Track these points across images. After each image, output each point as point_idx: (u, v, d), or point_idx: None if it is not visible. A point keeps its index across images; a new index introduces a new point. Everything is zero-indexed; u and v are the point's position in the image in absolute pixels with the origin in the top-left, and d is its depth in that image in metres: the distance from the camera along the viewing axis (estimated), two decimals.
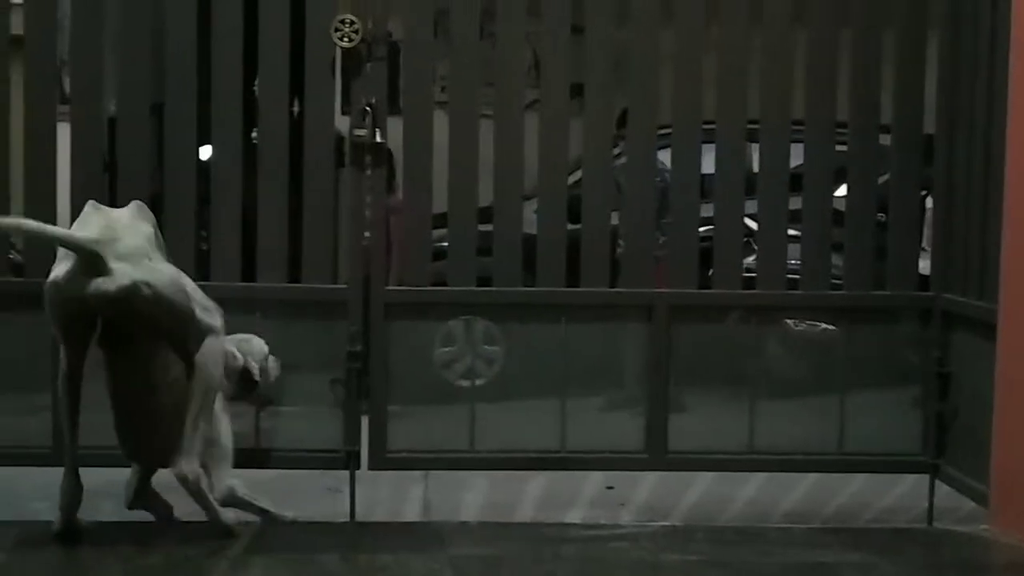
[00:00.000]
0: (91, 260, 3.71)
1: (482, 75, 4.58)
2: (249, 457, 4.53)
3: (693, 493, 4.81)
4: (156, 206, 4.49)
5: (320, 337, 4.61)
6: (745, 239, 4.68)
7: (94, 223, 3.81)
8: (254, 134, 4.62)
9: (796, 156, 4.66)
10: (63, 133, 4.48)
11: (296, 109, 4.63)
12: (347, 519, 4.40)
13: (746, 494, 4.81)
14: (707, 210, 4.67)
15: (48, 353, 4.36)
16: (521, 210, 4.59)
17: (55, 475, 4.43)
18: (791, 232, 4.65)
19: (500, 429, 4.61)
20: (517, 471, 4.71)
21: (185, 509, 4.17)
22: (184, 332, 3.88)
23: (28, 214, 4.43)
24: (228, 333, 4.29)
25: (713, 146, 4.61)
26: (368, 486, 4.53)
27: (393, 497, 4.82)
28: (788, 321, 4.92)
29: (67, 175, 4.49)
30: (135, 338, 3.89)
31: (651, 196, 4.62)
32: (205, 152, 4.67)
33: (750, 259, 4.72)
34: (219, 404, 4.14)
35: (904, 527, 4.52)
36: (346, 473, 4.50)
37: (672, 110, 4.59)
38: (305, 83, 4.51)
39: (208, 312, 4.03)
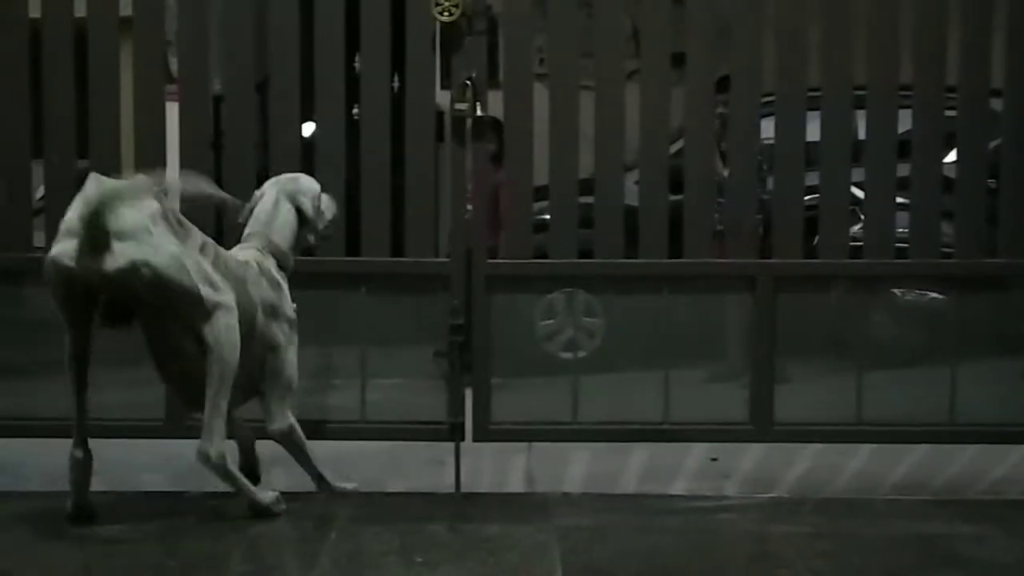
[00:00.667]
0: (95, 237, 3.57)
1: (581, 46, 4.56)
2: (354, 429, 4.62)
3: (799, 465, 4.76)
4: (261, 183, 4.60)
5: (423, 310, 4.65)
6: (851, 208, 4.60)
7: (95, 198, 3.62)
8: (355, 110, 4.66)
9: (904, 122, 4.56)
10: (171, 112, 4.58)
11: (396, 84, 4.67)
12: (452, 490, 4.43)
13: (854, 466, 4.74)
14: (812, 179, 4.60)
15: None
16: (622, 181, 4.57)
17: (168, 447, 4.58)
18: (899, 200, 4.56)
19: (603, 401, 4.62)
20: (619, 443, 4.72)
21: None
22: (188, 310, 3.72)
23: None
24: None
25: (818, 113, 4.54)
26: (471, 458, 4.57)
27: (496, 469, 4.86)
28: (895, 291, 4.84)
29: (175, 153, 4.58)
30: (140, 314, 3.77)
31: (754, 165, 4.57)
32: (307, 129, 4.74)
33: (856, 228, 4.64)
34: (284, 336, 4.08)
35: (1018, 499, 4.42)
36: (447, 445, 4.54)
37: (776, 77, 4.52)
38: (406, 58, 4.54)
39: (216, 289, 3.78)
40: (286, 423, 4.12)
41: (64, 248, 3.60)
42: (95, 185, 3.66)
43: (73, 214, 3.63)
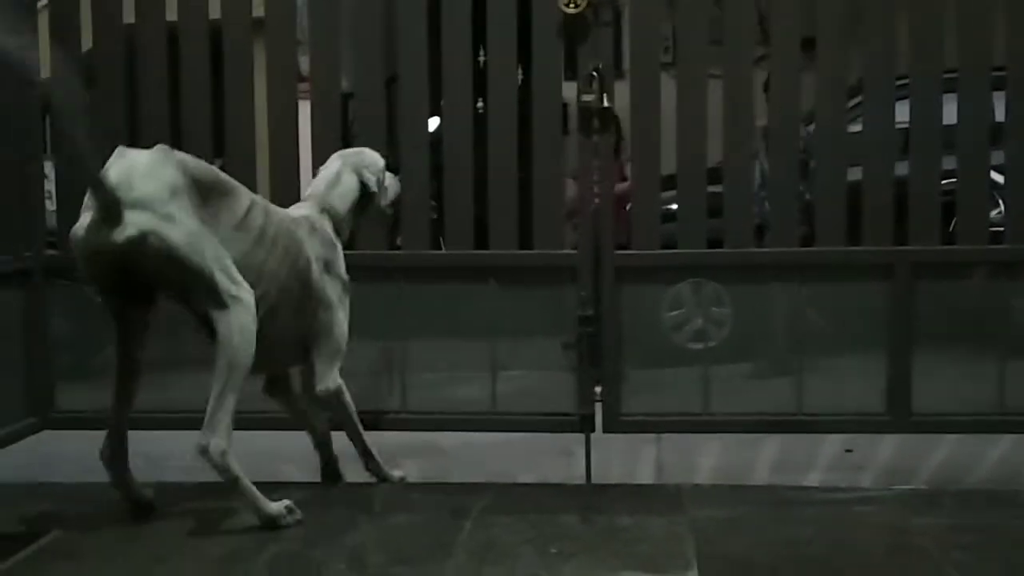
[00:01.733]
0: (108, 207, 3.42)
1: (709, 34, 4.52)
2: (485, 421, 4.65)
3: (937, 455, 4.65)
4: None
5: (552, 302, 4.66)
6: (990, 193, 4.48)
7: (113, 169, 3.47)
8: (479, 104, 4.69)
9: None
10: (303, 110, 4.66)
11: (521, 77, 4.68)
12: (582, 481, 4.43)
13: (995, 456, 4.62)
14: (949, 163, 4.49)
15: None
16: (751, 170, 4.52)
17: (304, 438, 4.67)
18: None
19: (735, 392, 4.57)
20: (750, 434, 4.67)
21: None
22: (200, 294, 3.53)
23: (273, 190, 4.66)
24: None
25: (954, 96, 4.42)
26: (600, 449, 4.56)
27: (626, 460, 4.85)
28: None
29: (308, 150, 4.67)
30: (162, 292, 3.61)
31: (892, 150, 4.47)
32: (432, 123, 4.78)
33: (994, 213, 4.51)
34: (337, 296, 4.02)
35: None
36: (575, 436, 4.54)
37: (911, 59, 4.42)
38: (532, 50, 4.55)
39: (235, 282, 3.58)
40: (335, 384, 4.06)
41: (81, 222, 3.50)
42: (117, 157, 3.53)
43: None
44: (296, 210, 4.14)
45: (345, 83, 4.74)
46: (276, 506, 3.75)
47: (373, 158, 4.31)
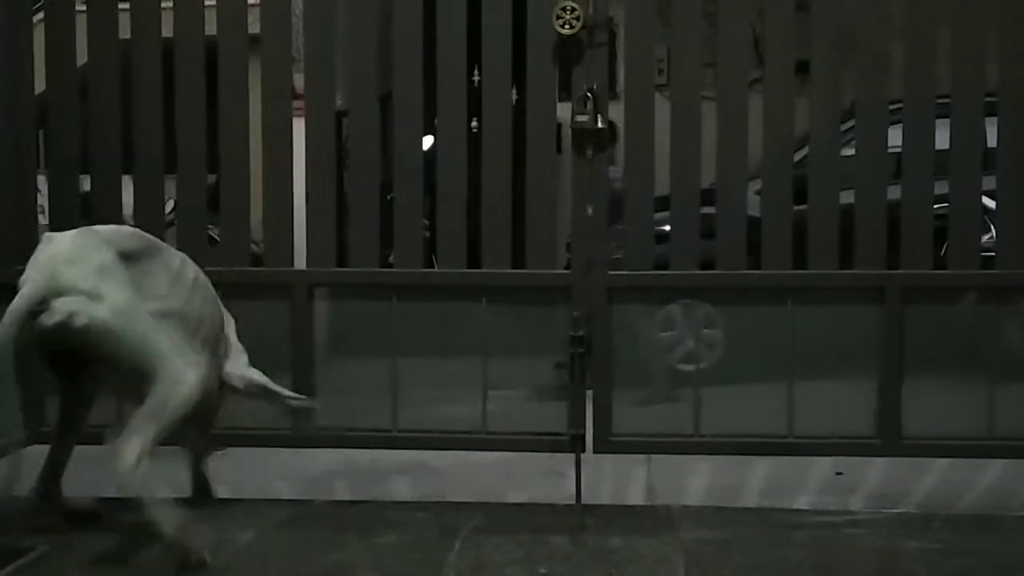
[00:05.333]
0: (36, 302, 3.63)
1: (703, 56, 4.54)
2: (475, 440, 4.65)
3: (927, 479, 4.66)
4: (384, 195, 4.67)
5: (544, 322, 4.66)
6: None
7: (40, 260, 3.70)
8: (473, 123, 4.70)
9: None
10: (298, 127, 4.67)
11: (516, 97, 4.70)
12: (572, 502, 4.43)
13: (984, 481, 4.62)
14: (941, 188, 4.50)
15: (286, 338, 4.59)
16: (745, 192, 4.53)
17: (295, 456, 4.67)
18: None
19: (725, 413, 4.57)
20: (740, 456, 4.67)
21: None
22: (141, 361, 3.68)
23: (266, 204, 4.67)
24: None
25: (946, 120, 4.45)
26: (590, 469, 4.55)
27: (616, 480, 4.84)
28: None
29: (301, 167, 4.67)
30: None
31: (884, 174, 4.49)
32: (427, 142, 4.79)
33: (986, 238, 4.53)
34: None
35: None
36: (564, 456, 4.53)
37: (904, 83, 4.44)
38: (527, 71, 4.56)
39: (182, 355, 3.72)
40: None
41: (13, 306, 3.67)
42: (44, 244, 3.76)
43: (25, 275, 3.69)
44: None
45: (340, 100, 4.75)
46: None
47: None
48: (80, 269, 3.66)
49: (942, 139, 4.46)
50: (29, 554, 3.68)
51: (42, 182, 4.93)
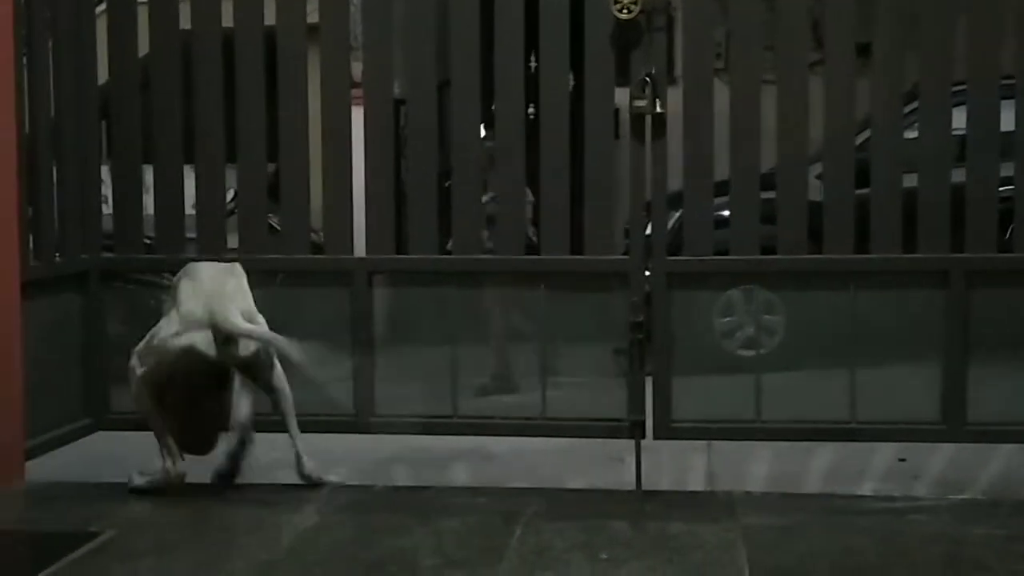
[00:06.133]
0: (230, 336, 4.06)
1: (762, 39, 4.50)
2: (535, 426, 4.65)
3: (993, 465, 4.60)
4: (442, 182, 4.69)
5: (603, 308, 4.65)
6: None
7: (209, 293, 4.10)
8: (531, 109, 4.69)
9: None
10: (356, 115, 4.68)
11: (573, 83, 4.68)
12: (632, 488, 4.42)
13: None
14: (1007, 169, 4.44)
15: (349, 322, 4.61)
16: (806, 176, 4.49)
17: (356, 441, 4.70)
18: None
19: (787, 399, 4.54)
20: (801, 442, 4.63)
21: None
22: (269, 369, 4.23)
23: (326, 192, 4.69)
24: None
25: (1011, 102, 4.37)
26: (650, 455, 4.54)
27: (676, 466, 4.83)
28: None
29: (360, 155, 4.69)
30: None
31: (947, 157, 4.42)
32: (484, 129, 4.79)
33: None
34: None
35: None
36: (624, 442, 4.53)
37: (968, 65, 4.38)
38: (585, 56, 4.55)
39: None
40: None
41: (198, 339, 4.07)
42: (209, 273, 4.19)
43: (196, 308, 4.08)
44: None
45: (397, 89, 4.76)
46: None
47: None
48: (248, 300, 4.18)
49: (1007, 121, 4.39)
50: (96, 539, 3.73)
51: (105, 172, 5.00)
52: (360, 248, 4.75)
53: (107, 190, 4.99)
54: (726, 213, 4.58)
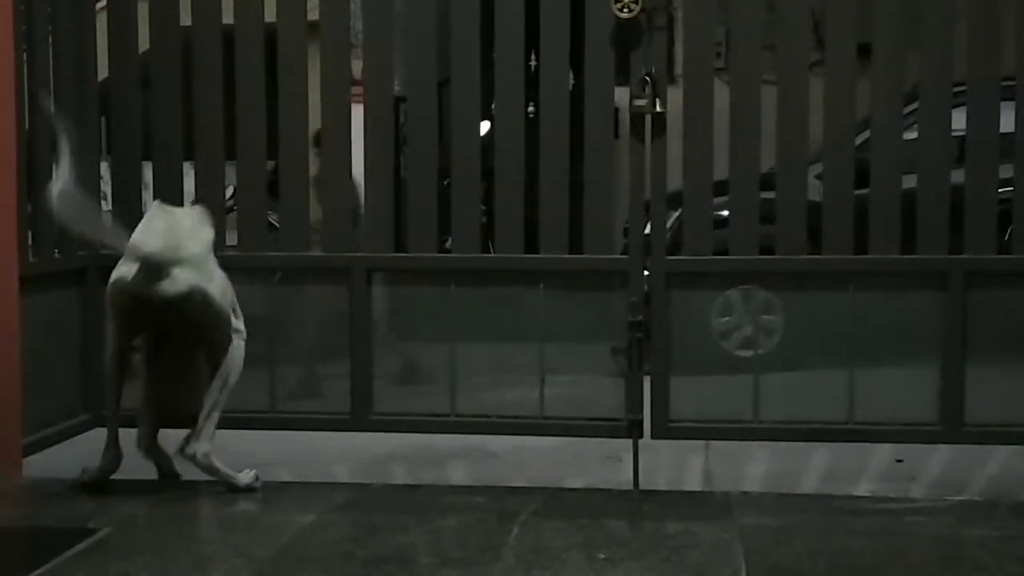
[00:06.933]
0: (154, 268, 3.95)
1: (762, 38, 4.50)
2: (533, 425, 4.65)
3: (991, 467, 4.60)
4: (442, 181, 4.68)
5: (601, 307, 4.65)
6: None
7: (159, 228, 4.02)
8: (530, 108, 4.69)
9: None
10: (356, 113, 4.68)
11: (573, 81, 4.68)
12: (630, 487, 4.42)
13: None
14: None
15: (344, 323, 4.62)
16: (805, 176, 4.49)
17: (353, 439, 4.70)
18: None
19: (785, 400, 4.54)
20: (799, 442, 4.63)
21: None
22: (221, 336, 4.11)
23: (324, 192, 4.69)
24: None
25: (1011, 104, 4.37)
26: (648, 454, 4.54)
27: (673, 466, 4.83)
28: None
29: (360, 153, 4.68)
30: (180, 335, 4.16)
31: (947, 158, 4.42)
32: (483, 127, 4.78)
33: None
34: None
35: None
36: (621, 441, 4.53)
37: (968, 66, 4.38)
38: (584, 55, 4.54)
39: (238, 317, 4.20)
40: None
41: (124, 272, 4.00)
42: (161, 214, 4.10)
43: (142, 243, 3.96)
44: None
45: (397, 86, 4.76)
46: (248, 477, 4.17)
47: None
48: (197, 244, 4.05)
49: (1007, 122, 4.39)
50: (94, 535, 3.73)
51: (104, 168, 5.00)
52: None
53: (106, 187, 4.99)
54: (725, 213, 4.57)
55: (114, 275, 4.05)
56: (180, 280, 3.97)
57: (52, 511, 4.06)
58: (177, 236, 4.02)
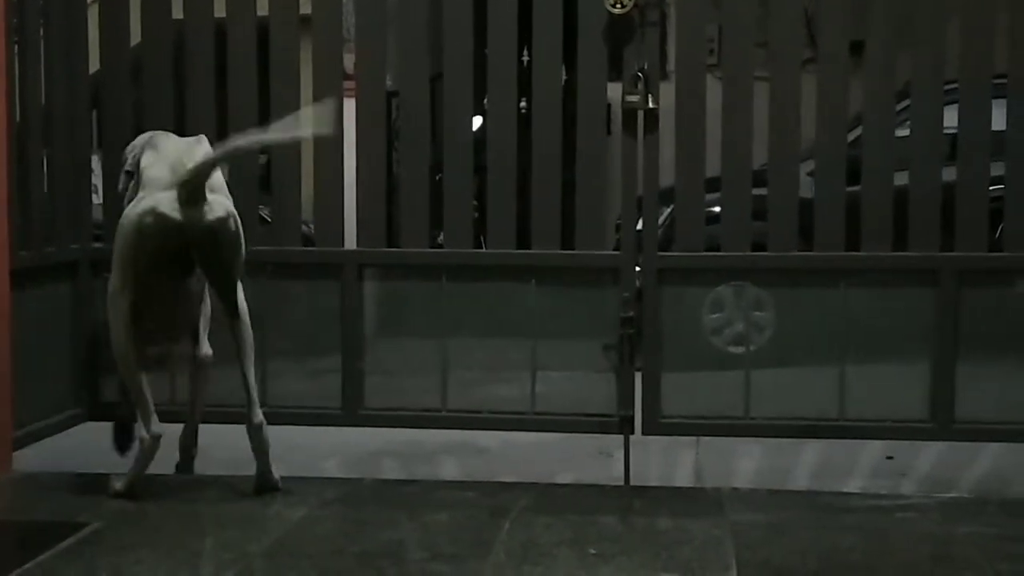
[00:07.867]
0: (195, 191, 3.74)
1: (755, 35, 4.50)
2: (524, 421, 4.65)
3: (981, 464, 4.62)
4: (434, 175, 4.68)
5: (593, 303, 4.65)
6: None
7: (170, 153, 3.85)
8: (523, 103, 4.69)
9: None
10: (348, 107, 4.66)
11: (565, 77, 4.68)
12: (621, 483, 4.42)
13: None
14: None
15: (336, 319, 4.61)
16: (797, 173, 4.49)
17: (344, 434, 4.70)
18: None
19: (776, 396, 4.55)
20: (790, 438, 4.64)
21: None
22: (239, 272, 3.94)
23: (318, 185, 4.68)
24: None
25: (1003, 101, 4.38)
26: (639, 450, 4.55)
27: (664, 462, 4.84)
28: None
29: (353, 148, 4.67)
30: (201, 267, 3.90)
31: (939, 156, 4.43)
32: (476, 122, 4.78)
33: None
34: None
35: None
36: (613, 437, 4.53)
37: (960, 63, 4.38)
38: (577, 51, 4.54)
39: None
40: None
41: (164, 199, 3.77)
42: (175, 143, 3.94)
43: (161, 172, 3.81)
44: None
45: (390, 81, 4.75)
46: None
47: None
48: (222, 173, 3.90)
49: (998, 120, 4.40)
50: (84, 529, 3.73)
51: (96, 161, 4.98)
52: (351, 241, 4.73)
53: (98, 180, 4.97)
54: (717, 209, 4.58)
55: (141, 207, 3.78)
56: (218, 205, 3.79)
57: (43, 505, 4.05)
58: (206, 162, 3.82)
